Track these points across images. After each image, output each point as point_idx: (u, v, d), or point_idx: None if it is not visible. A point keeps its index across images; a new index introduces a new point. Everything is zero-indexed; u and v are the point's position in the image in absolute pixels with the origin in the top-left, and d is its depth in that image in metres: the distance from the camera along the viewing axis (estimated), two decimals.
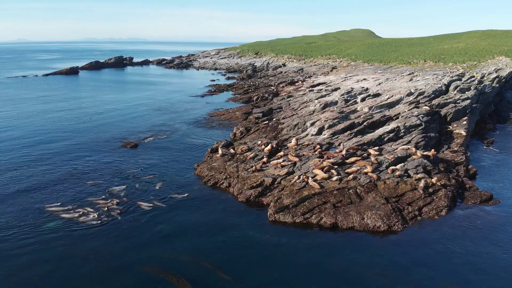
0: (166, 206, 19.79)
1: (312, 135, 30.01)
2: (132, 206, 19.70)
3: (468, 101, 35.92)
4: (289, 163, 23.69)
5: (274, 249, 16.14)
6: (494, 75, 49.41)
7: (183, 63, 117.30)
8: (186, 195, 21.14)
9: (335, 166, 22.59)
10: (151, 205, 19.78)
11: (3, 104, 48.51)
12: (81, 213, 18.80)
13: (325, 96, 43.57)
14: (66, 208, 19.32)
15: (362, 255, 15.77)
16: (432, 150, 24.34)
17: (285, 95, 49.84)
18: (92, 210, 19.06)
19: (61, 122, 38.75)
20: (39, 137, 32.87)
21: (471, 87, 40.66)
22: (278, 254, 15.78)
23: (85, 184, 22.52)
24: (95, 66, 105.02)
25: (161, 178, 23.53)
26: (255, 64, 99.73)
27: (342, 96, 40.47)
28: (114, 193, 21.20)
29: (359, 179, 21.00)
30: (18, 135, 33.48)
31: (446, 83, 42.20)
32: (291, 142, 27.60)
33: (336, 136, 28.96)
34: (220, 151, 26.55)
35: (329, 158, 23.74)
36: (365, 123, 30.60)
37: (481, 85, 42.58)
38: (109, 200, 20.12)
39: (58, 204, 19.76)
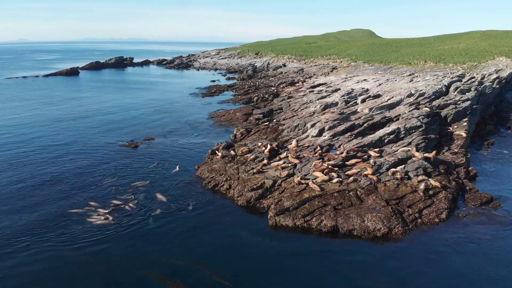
0: (166, 209, 19.79)
1: (313, 136, 30.02)
2: (132, 208, 19.71)
3: (469, 102, 35.90)
4: (290, 165, 23.71)
5: (274, 252, 16.14)
6: (495, 76, 49.39)
7: (183, 64, 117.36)
8: (187, 199, 21.17)
9: (336, 168, 22.62)
10: (152, 207, 19.79)
11: (3, 105, 48.56)
12: (87, 215, 18.89)
13: (325, 97, 43.58)
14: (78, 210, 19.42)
15: (362, 258, 15.78)
16: (433, 152, 24.34)
17: (285, 95, 49.84)
18: (92, 212, 19.13)
19: (61, 123, 38.75)
20: (40, 138, 32.89)
21: (472, 88, 40.64)
22: (278, 257, 15.78)
23: (86, 186, 22.57)
24: (96, 67, 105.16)
25: (161, 179, 23.56)
26: (255, 65, 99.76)
27: (342, 97, 40.49)
28: (115, 196, 21.22)
29: (360, 181, 21.02)
30: (18, 137, 33.49)
31: (446, 84, 42.18)
32: (291, 143, 27.61)
33: (336, 138, 28.96)
34: (220, 153, 26.57)
35: (330, 160, 23.77)
36: (365, 125, 30.60)
37: (481, 86, 42.55)
38: (111, 205, 20.16)
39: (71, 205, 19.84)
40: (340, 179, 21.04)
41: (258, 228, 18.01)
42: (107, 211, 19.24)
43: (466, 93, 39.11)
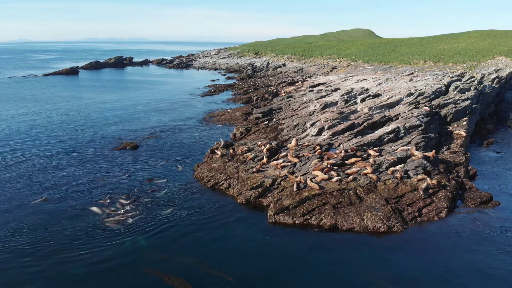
0: (165, 208, 19.78)
1: (312, 135, 30.01)
2: (132, 208, 19.70)
3: (468, 101, 35.90)
4: (289, 164, 23.70)
5: (274, 251, 16.14)
6: (494, 75, 49.40)
7: (183, 63, 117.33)
8: (186, 198, 21.15)
9: (335, 167, 22.60)
10: (152, 207, 19.78)
11: (2, 105, 48.50)
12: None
13: (325, 96, 43.59)
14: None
15: (362, 256, 15.76)
16: (433, 151, 24.33)
17: (285, 95, 49.85)
18: (99, 211, 19.17)
19: (60, 123, 38.72)
20: (40, 138, 32.88)
21: (471, 88, 40.64)
22: (278, 256, 15.78)
23: (89, 187, 22.56)
24: (95, 66, 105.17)
25: (161, 179, 23.54)
26: (255, 64, 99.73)
27: (342, 97, 40.48)
28: (115, 196, 21.21)
29: (359, 180, 21.00)
30: (18, 138, 33.47)
31: (446, 83, 42.19)
32: (291, 142, 27.59)
33: (336, 137, 28.96)
34: (219, 152, 26.54)
35: (329, 159, 23.75)
36: (365, 124, 30.59)
37: (481, 86, 42.55)
38: (113, 205, 20.18)
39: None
40: (340, 178, 21.02)
41: (258, 227, 17.99)
42: (108, 211, 19.23)
43: (466, 93, 39.11)
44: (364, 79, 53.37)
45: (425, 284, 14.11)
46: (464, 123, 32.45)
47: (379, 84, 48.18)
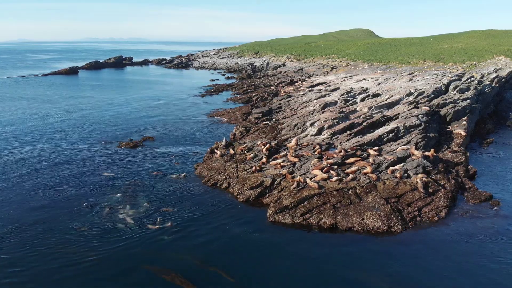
0: (165, 208, 19.76)
1: (312, 135, 30.00)
2: (132, 208, 19.69)
3: (468, 101, 35.89)
4: (289, 163, 23.69)
5: (274, 250, 16.14)
6: (494, 75, 49.39)
7: (182, 63, 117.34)
8: (185, 198, 21.15)
9: (335, 167, 22.60)
10: (152, 206, 19.78)
11: (3, 104, 48.47)
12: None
13: (324, 96, 43.59)
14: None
15: (361, 256, 15.76)
16: (432, 150, 24.33)
17: (284, 95, 49.85)
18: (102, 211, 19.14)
19: (60, 123, 38.72)
20: (40, 138, 32.88)
21: (471, 87, 40.64)
22: (278, 255, 15.78)
23: (88, 186, 22.56)
24: (95, 66, 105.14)
25: (161, 179, 23.53)
26: (255, 64, 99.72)
27: (341, 96, 40.48)
28: (114, 196, 21.20)
29: (359, 179, 21.00)
30: (16, 137, 33.46)
31: (445, 83, 42.18)
32: (290, 142, 27.59)
33: (335, 137, 28.95)
34: (219, 151, 26.54)
35: (329, 159, 23.75)
36: (364, 123, 30.57)
37: (481, 85, 42.54)
38: (113, 204, 20.15)
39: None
40: (340, 178, 21.02)
41: (258, 226, 17.99)
42: (108, 210, 19.24)
43: (466, 92, 39.10)
44: (364, 79, 53.38)
45: (424, 284, 14.10)
46: (464, 122, 32.44)
47: (379, 83, 48.19)
